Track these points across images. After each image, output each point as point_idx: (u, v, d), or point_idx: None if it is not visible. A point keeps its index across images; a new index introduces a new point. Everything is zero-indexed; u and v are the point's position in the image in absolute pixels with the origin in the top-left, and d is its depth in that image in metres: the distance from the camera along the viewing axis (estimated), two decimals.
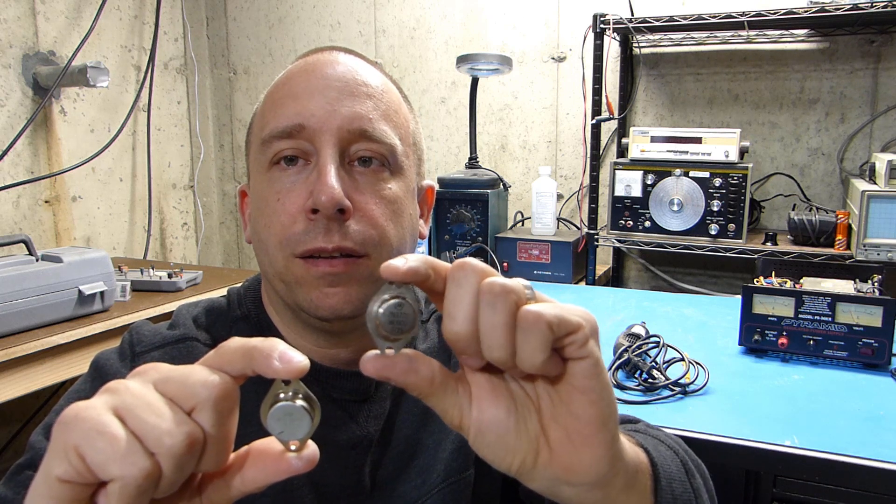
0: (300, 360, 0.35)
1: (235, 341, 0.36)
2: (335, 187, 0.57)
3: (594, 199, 1.90)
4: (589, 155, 1.95)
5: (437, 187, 0.77)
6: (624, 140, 1.86)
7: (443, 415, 0.42)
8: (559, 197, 2.17)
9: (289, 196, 0.60)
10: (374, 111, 0.62)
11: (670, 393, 1.09)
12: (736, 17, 1.63)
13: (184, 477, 0.34)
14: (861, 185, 1.60)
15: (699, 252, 1.77)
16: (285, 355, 0.35)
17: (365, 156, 0.61)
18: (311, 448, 0.37)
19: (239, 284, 0.72)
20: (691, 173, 1.74)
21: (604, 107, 1.88)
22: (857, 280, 1.33)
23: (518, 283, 0.39)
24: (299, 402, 0.36)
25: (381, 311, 0.38)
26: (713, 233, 1.74)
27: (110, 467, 0.32)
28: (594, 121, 1.85)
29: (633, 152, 1.80)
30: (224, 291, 0.72)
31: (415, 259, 0.38)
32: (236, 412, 0.37)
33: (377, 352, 0.39)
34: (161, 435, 0.33)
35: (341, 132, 0.60)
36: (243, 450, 0.38)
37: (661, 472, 0.52)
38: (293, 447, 0.37)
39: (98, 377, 0.63)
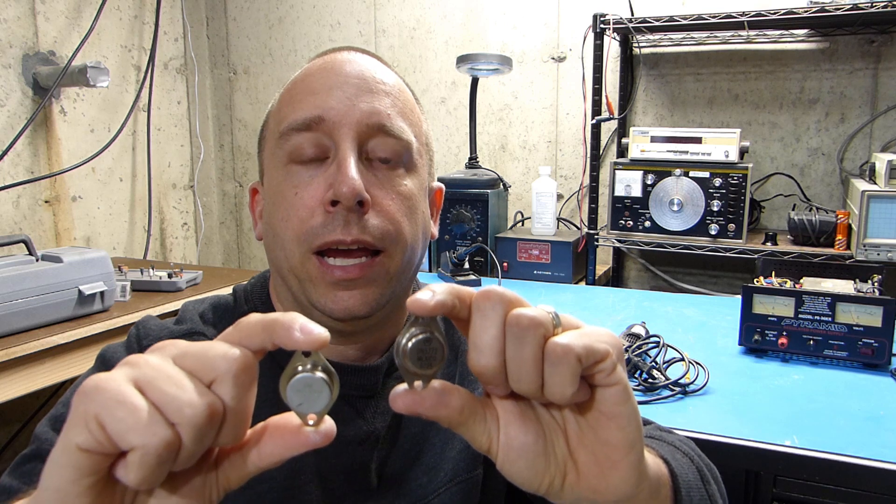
0: (321, 332, 0.35)
1: (255, 316, 0.36)
2: (356, 178, 0.57)
3: (594, 199, 1.90)
4: (589, 155, 1.95)
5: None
6: (624, 140, 1.86)
7: (471, 441, 0.41)
8: (559, 197, 2.17)
9: (307, 189, 0.60)
10: (391, 108, 0.62)
11: (670, 393, 1.09)
12: (736, 17, 1.63)
13: (203, 449, 0.34)
14: (861, 185, 1.59)
15: (699, 252, 1.77)
16: (306, 327, 0.35)
17: (383, 156, 0.61)
18: (329, 423, 0.37)
19: (245, 282, 0.72)
20: (691, 173, 1.74)
21: (604, 107, 1.88)
22: (857, 280, 1.32)
23: (544, 312, 0.38)
24: (319, 374, 0.36)
25: (409, 346, 0.38)
26: (713, 233, 1.74)
27: (130, 436, 0.32)
28: (594, 121, 1.85)
29: (633, 152, 1.80)
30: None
31: (441, 292, 0.38)
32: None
33: (405, 386, 0.39)
34: (182, 405, 0.33)
35: (360, 126, 0.60)
36: (260, 425, 0.38)
37: (680, 483, 0.52)
38: (311, 421, 0.37)
39: (105, 370, 0.63)
